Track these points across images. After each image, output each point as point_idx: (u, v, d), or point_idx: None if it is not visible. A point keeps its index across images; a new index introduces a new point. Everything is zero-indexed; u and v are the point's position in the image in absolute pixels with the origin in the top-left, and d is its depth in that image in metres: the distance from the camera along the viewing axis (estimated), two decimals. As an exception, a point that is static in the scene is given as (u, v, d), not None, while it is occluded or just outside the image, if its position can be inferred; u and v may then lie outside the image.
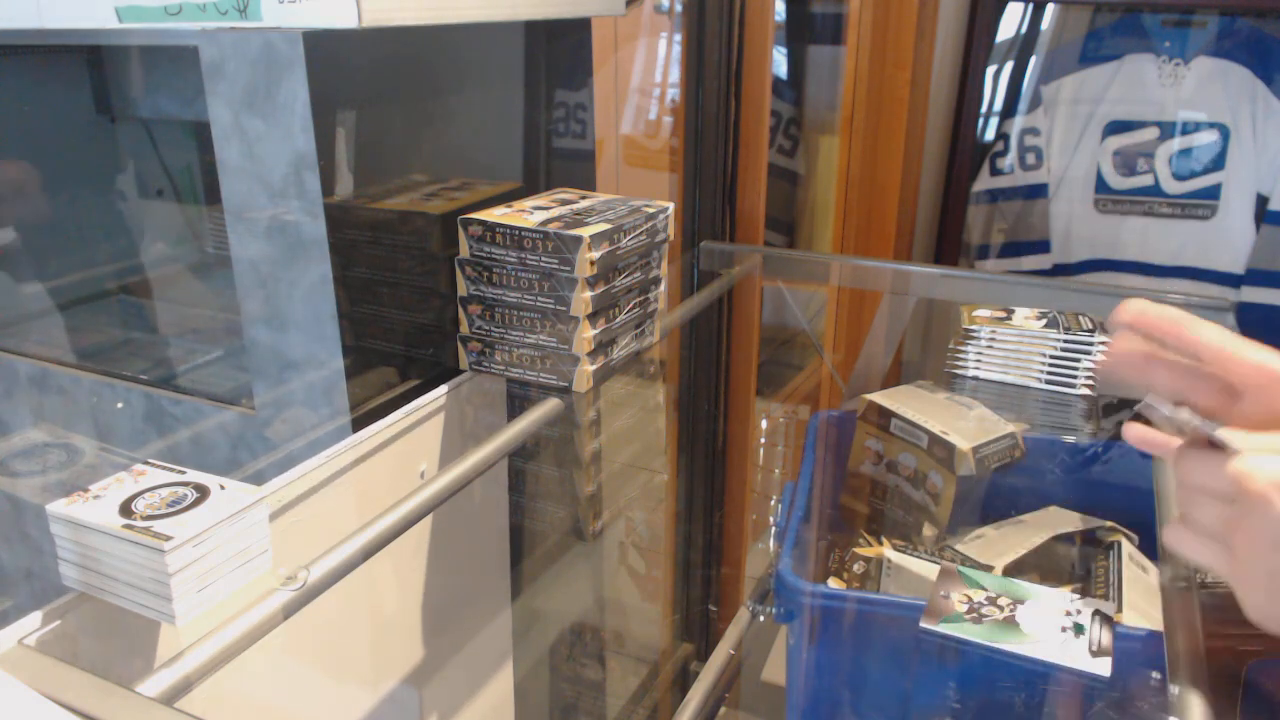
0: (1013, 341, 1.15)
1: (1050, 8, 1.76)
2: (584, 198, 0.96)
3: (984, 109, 1.81)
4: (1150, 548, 1.01)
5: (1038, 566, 1.05)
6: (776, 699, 1.55)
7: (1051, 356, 1.13)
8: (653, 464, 1.44)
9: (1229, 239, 1.66)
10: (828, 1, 1.89)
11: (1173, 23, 1.65)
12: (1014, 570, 1.02)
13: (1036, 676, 0.86)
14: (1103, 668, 0.77)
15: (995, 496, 1.09)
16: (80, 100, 1.21)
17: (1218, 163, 1.65)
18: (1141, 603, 0.92)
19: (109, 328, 1.24)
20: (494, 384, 0.98)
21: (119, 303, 1.26)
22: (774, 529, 1.12)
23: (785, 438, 1.94)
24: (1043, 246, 1.77)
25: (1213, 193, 1.66)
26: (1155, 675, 0.82)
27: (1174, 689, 0.63)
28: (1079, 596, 0.87)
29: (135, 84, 1.20)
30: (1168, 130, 1.68)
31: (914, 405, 1.12)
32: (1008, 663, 0.87)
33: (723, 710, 1.22)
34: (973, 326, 1.16)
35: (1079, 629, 0.81)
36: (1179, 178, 1.68)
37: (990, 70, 1.79)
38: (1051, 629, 0.78)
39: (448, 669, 1.04)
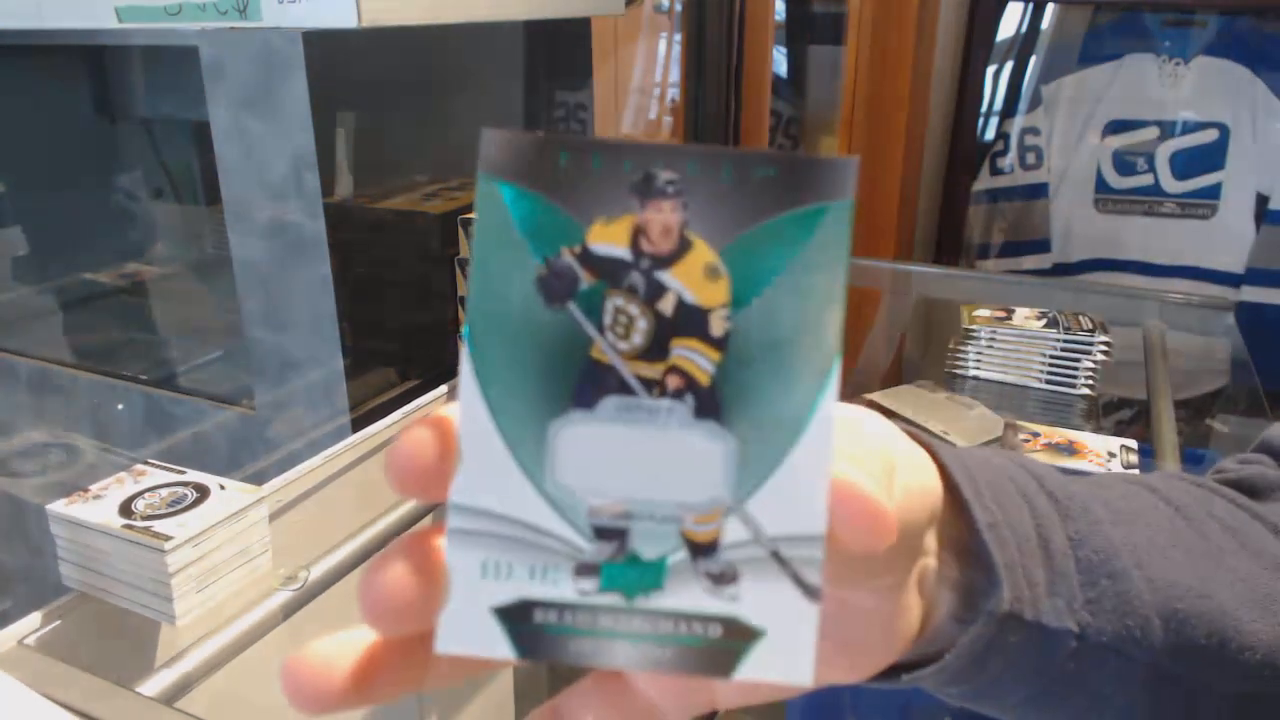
0: (1013, 341, 1.15)
1: (1050, 7, 1.76)
2: (584, 197, 0.95)
3: (984, 108, 1.81)
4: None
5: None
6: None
7: (1051, 356, 1.13)
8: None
9: (1229, 238, 1.66)
10: (828, 1, 1.89)
11: (1173, 22, 1.65)
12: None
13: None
14: None
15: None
16: (80, 100, 1.20)
17: (1217, 162, 1.65)
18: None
19: (109, 328, 1.23)
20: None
21: (119, 303, 1.25)
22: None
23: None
24: (1043, 246, 1.77)
25: (1213, 192, 1.66)
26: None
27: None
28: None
29: (135, 84, 1.19)
30: (1168, 129, 1.68)
31: (914, 405, 1.12)
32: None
33: (724, 713, 1.22)
34: (973, 326, 1.16)
35: None
36: (1179, 177, 1.68)
37: (990, 70, 1.79)
38: None
39: (448, 669, 1.04)
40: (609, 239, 0.18)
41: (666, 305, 0.18)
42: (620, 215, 0.18)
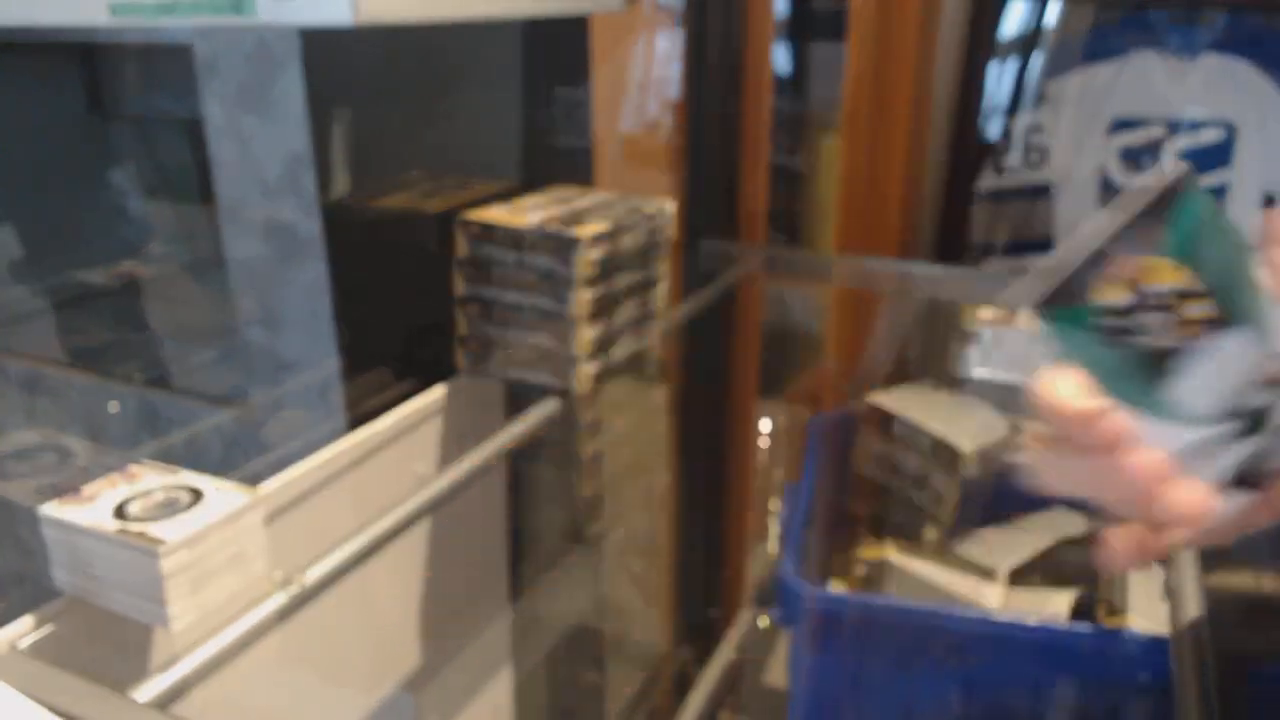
0: (1016, 342, 1.14)
1: (1055, 3, 1.75)
2: (583, 196, 0.95)
3: (988, 106, 1.80)
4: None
5: (1043, 569, 1.04)
6: (779, 703, 1.54)
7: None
8: (653, 465, 1.43)
9: (1235, 238, 1.65)
10: (829, -2, 1.88)
11: (1180, 19, 1.64)
12: (1021, 573, 1.01)
13: (1045, 681, 0.85)
14: None
15: (1000, 498, 1.08)
16: (72, 98, 1.20)
17: (1225, 161, 1.64)
18: (1147, 605, 0.91)
19: (101, 328, 1.23)
20: (492, 385, 0.97)
21: (112, 303, 1.25)
22: (776, 532, 1.11)
23: (787, 439, 1.93)
24: (1048, 245, 1.76)
25: (1220, 191, 1.65)
26: (1162, 679, 0.81)
27: (1180, 693, 0.62)
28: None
29: (128, 82, 1.19)
30: (1174, 128, 1.67)
31: (916, 406, 1.11)
32: (1014, 666, 0.86)
33: (725, 716, 1.21)
34: (976, 326, 1.15)
35: None
36: (1185, 176, 1.67)
37: (994, 66, 1.78)
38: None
39: (445, 674, 1.04)
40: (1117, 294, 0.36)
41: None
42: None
